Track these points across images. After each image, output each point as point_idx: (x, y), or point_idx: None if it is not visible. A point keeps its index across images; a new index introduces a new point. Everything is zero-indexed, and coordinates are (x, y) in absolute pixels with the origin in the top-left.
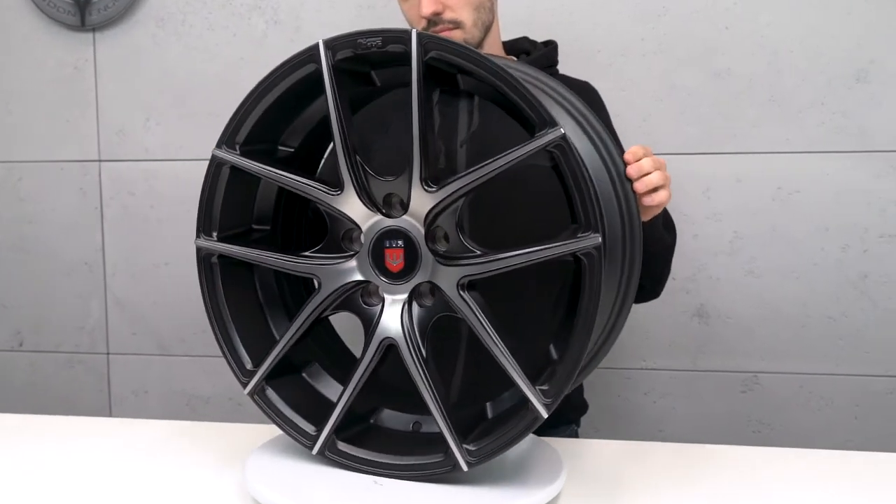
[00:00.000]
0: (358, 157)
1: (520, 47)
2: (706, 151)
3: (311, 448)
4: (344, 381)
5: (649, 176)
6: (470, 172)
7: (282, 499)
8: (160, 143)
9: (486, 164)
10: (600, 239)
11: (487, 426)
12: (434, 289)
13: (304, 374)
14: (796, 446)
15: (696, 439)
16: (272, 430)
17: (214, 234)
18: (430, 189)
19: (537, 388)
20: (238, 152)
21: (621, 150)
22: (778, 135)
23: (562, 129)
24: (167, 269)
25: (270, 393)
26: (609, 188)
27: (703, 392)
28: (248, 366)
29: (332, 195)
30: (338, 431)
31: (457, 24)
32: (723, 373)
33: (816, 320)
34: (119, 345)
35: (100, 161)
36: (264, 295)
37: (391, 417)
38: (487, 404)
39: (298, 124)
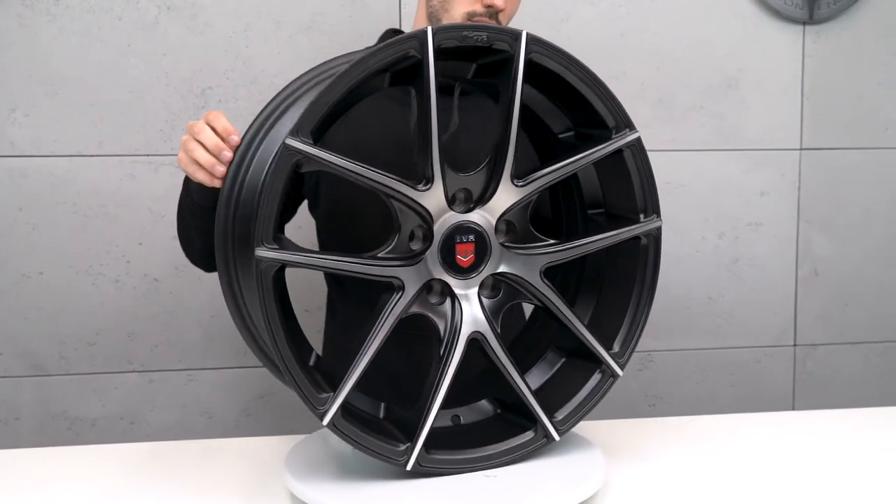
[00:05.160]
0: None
1: None
2: None
3: (406, 464)
4: (378, 393)
5: None
6: (557, 169)
7: None
8: (30, 136)
9: (570, 162)
10: (661, 222)
11: (546, 398)
12: (498, 280)
13: None
14: (683, 414)
15: (599, 416)
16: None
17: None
18: (518, 184)
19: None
20: (312, 142)
21: None
22: (666, 134)
23: (638, 133)
24: (41, 279)
25: (338, 417)
26: None
27: None
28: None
29: (421, 191)
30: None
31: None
32: None
33: (699, 301)
34: None
35: None
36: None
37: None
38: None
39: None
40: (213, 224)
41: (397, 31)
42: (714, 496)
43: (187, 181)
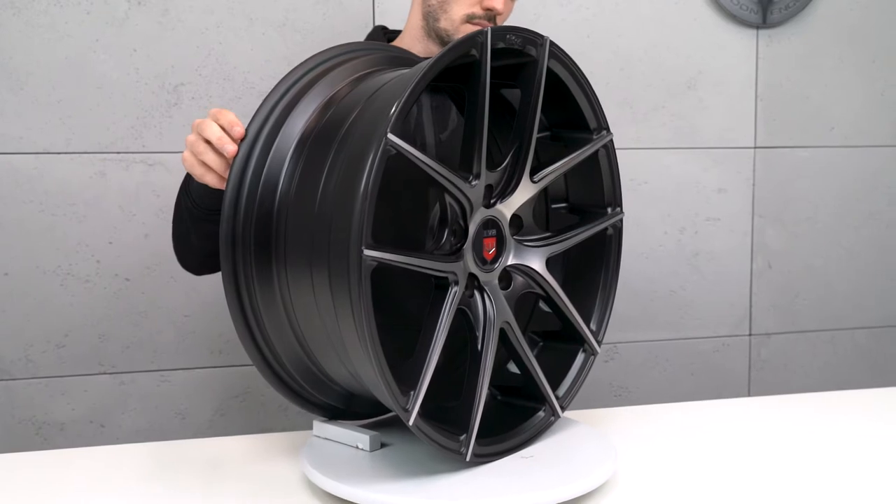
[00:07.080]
0: None
1: None
2: None
3: (466, 456)
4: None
5: None
6: (561, 165)
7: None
8: None
9: (567, 160)
10: (623, 214)
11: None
12: (506, 272)
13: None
14: (647, 403)
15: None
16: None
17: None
18: (535, 180)
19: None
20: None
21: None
22: (630, 133)
23: (612, 134)
24: (6, 280)
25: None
26: None
27: None
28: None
29: (472, 186)
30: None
31: None
32: None
33: (661, 294)
34: None
35: None
36: None
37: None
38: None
39: None
40: (217, 227)
41: (385, 29)
42: (688, 476)
43: (187, 182)
